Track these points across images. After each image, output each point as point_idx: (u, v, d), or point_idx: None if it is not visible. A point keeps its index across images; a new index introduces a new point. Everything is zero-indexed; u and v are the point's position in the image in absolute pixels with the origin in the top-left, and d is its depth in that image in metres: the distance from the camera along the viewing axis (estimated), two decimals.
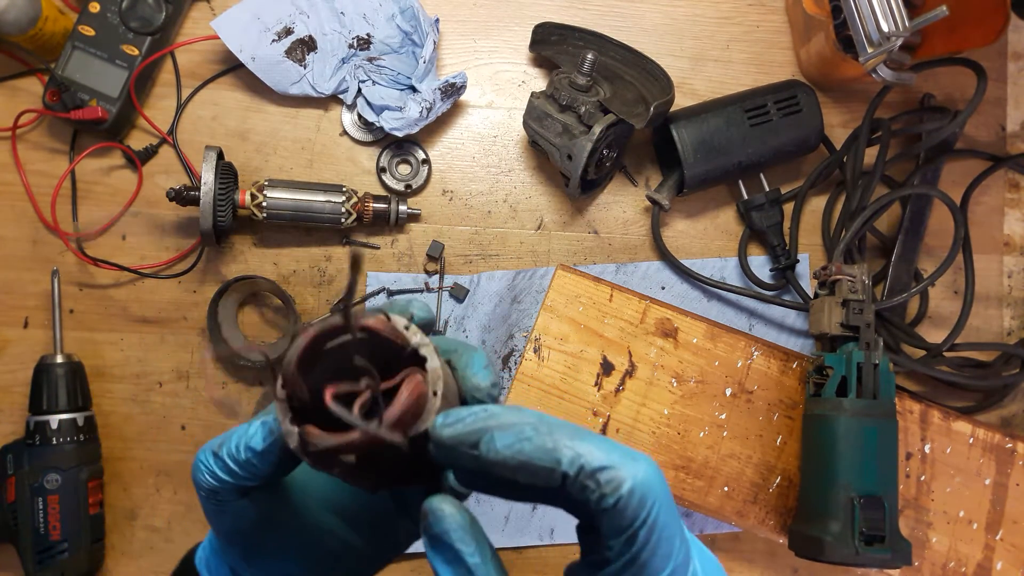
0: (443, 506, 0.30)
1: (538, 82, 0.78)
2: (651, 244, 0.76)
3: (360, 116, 0.75)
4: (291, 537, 0.38)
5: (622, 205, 0.77)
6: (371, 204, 0.72)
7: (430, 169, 0.76)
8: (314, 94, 0.74)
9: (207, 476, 0.35)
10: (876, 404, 0.61)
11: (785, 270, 0.74)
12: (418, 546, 0.70)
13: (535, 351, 0.69)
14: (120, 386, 0.73)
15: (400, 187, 0.75)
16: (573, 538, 0.72)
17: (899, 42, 0.64)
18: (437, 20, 0.73)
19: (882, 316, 0.72)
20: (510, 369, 0.73)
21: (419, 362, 0.31)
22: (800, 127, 0.72)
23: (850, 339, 0.65)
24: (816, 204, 0.78)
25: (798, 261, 0.75)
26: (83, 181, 0.74)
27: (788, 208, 0.77)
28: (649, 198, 0.73)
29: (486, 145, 0.77)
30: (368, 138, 0.75)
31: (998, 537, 0.67)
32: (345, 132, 0.76)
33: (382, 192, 0.75)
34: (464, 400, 0.33)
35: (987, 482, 0.68)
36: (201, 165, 0.68)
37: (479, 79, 0.77)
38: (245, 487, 0.35)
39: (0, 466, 0.67)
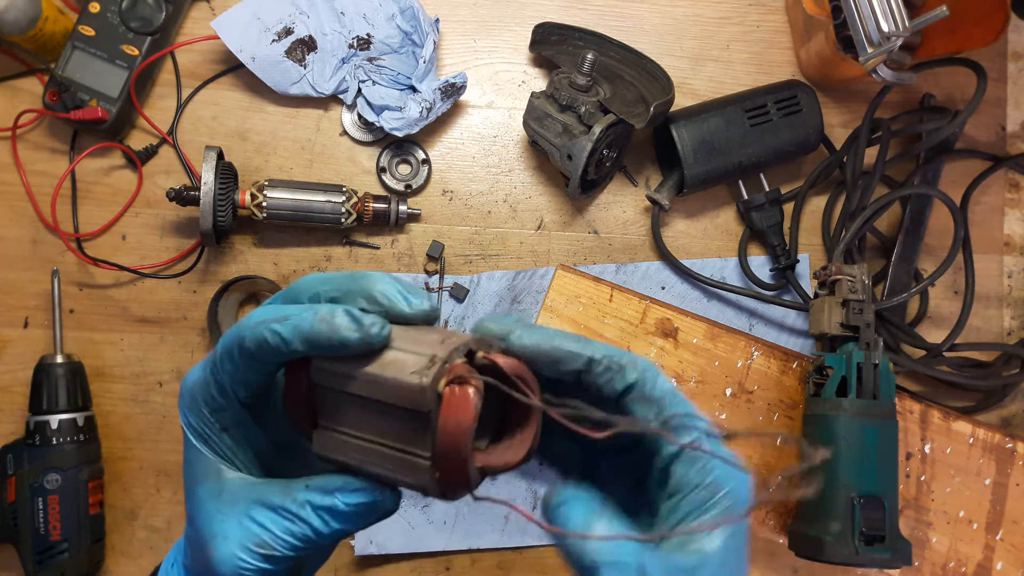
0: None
1: (538, 82, 0.78)
2: (651, 244, 0.76)
3: (360, 116, 0.75)
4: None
5: (622, 205, 0.77)
6: (371, 204, 0.72)
7: (430, 169, 0.76)
8: (314, 94, 0.74)
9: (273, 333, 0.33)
10: (876, 404, 0.61)
11: (785, 270, 0.74)
12: (419, 545, 0.70)
13: None
14: (120, 386, 0.73)
15: (400, 187, 0.75)
16: None
17: (899, 42, 0.64)
18: (437, 20, 0.73)
19: (882, 316, 0.72)
20: None
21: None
22: (800, 127, 0.72)
23: (850, 339, 0.65)
24: (816, 204, 0.78)
25: (798, 261, 0.75)
26: (83, 181, 0.74)
27: (788, 208, 0.77)
28: (649, 198, 0.73)
29: (486, 145, 0.77)
30: (368, 138, 0.75)
31: (998, 537, 0.67)
32: (345, 132, 0.76)
33: (382, 192, 0.75)
34: None
35: (987, 482, 0.68)
36: (201, 165, 0.68)
37: (479, 79, 0.77)
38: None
39: (0, 466, 0.67)
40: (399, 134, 0.72)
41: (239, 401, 0.36)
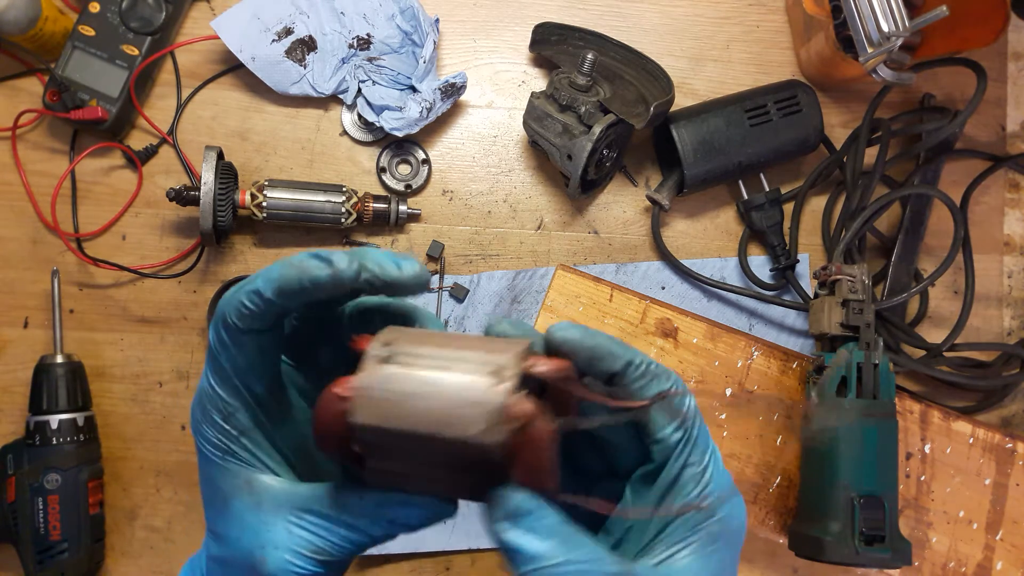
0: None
1: (538, 82, 0.78)
2: (651, 244, 0.76)
3: (360, 116, 0.75)
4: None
5: (622, 205, 0.77)
6: (371, 204, 0.72)
7: (430, 169, 0.76)
8: (314, 94, 0.74)
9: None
10: (876, 404, 0.61)
11: (785, 270, 0.74)
12: (419, 545, 0.70)
13: None
14: (120, 386, 0.73)
15: (400, 187, 0.75)
16: None
17: (899, 42, 0.64)
18: (437, 20, 0.73)
19: (882, 316, 0.72)
20: None
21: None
22: (800, 127, 0.72)
23: (850, 339, 0.65)
24: (816, 204, 0.78)
25: (798, 261, 0.75)
26: (83, 181, 0.74)
27: (788, 208, 0.77)
28: (649, 198, 0.73)
29: (486, 145, 0.77)
30: (368, 138, 0.75)
31: (998, 537, 0.67)
32: (345, 132, 0.76)
33: (382, 192, 0.75)
34: None
35: (987, 482, 0.68)
36: (201, 165, 0.68)
37: (479, 79, 0.77)
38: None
39: (0, 466, 0.67)
40: (399, 134, 0.72)
41: (251, 398, 0.34)
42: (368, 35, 0.74)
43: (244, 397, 0.34)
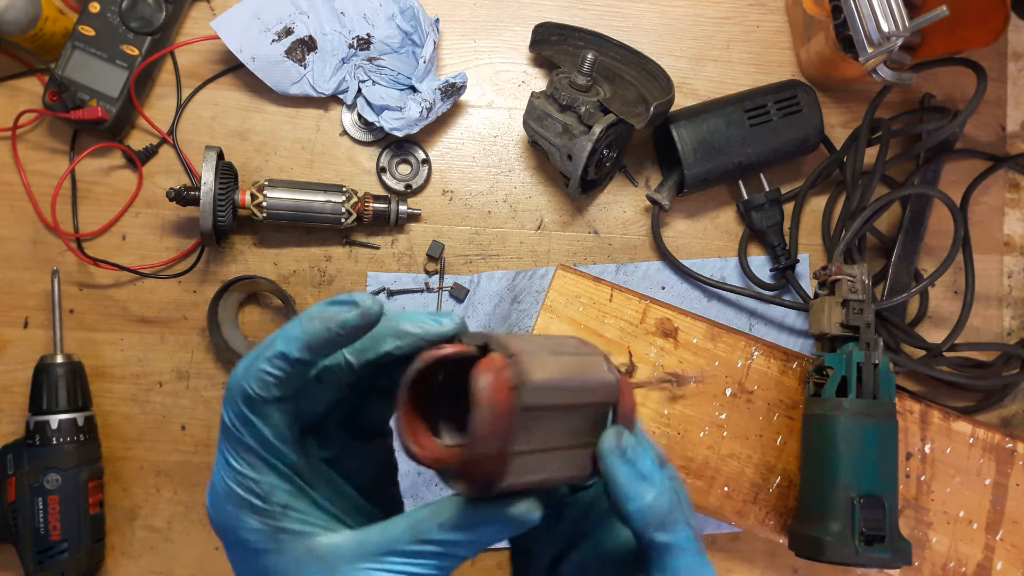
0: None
1: (538, 82, 0.78)
2: (651, 244, 0.76)
3: (360, 116, 0.75)
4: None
5: (622, 205, 0.77)
6: (371, 204, 0.72)
7: (430, 169, 0.76)
8: (314, 94, 0.74)
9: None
10: (876, 404, 0.61)
11: (785, 270, 0.74)
12: None
13: None
14: (120, 386, 0.73)
15: (400, 187, 0.75)
16: None
17: (899, 42, 0.64)
18: (437, 20, 0.73)
19: (882, 316, 0.72)
20: None
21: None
22: (800, 127, 0.72)
23: (850, 339, 0.65)
24: (816, 204, 0.78)
25: (798, 261, 0.75)
26: (83, 181, 0.74)
27: (788, 208, 0.77)
28: (649, 198, 0.73)
29: (486, 145, 0.77)
30: (368, 138, 0.75)
31: (998, 537, 0.67)
32: (345, 132, 0.76)
33: (382, 192, 0.75)
34: None
35: (987, 482, 0.68)
36: (201, 165, 0.68)
37: (479, 79, 0.77)
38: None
39: (0, 466, 0.67)
40: (399, 134, 0.72)
41: (287, 467, 0.32)
42: (368, 35, 0.74)
43: (279, 469, 0.32)
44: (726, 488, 0.68)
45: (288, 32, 0.73)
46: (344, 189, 0.72)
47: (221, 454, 0.32)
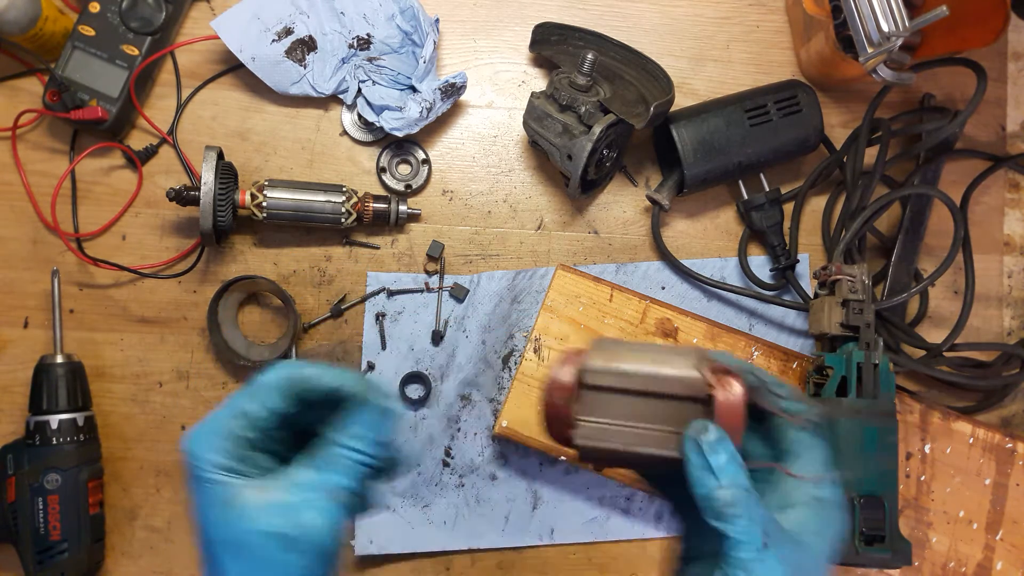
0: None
1: (538, 82, 0.78)
2: (651, 244, 0.76)
3: (360, 116, 0.75)
4: None
5: (622, 205, 0.77)
6: (371, 204, 0.72)
7: (430, 169, 0.76)
8: (314, 94, 0.74)
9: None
10: (876, 404, 0.61)
11: (785, 270, 0.74)
12: (419, 545, 0.70)
13: (535, 351, 0.69)
14: (120, 386, 0.73)
15: (400, 187, 0.75)
16: (573, 538, 0.73)
17: (899, 42, 0.64)
18: (437, 20, 0.73)
19: (882, 316, 0.72)
20: (510, 369, 0.73)
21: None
22: (800, 127, 0.72)
23: (850, 339, 0.65)
24: (816, 204, 0.78)
25: (798, 261, 0.75)
26: (83, 181, 0.74)
27: (788, 208, 0.77)
28: (649, 198, 0.73)
29: (486, 145, 0.77)
30: (368, 138, 0.75)
31: (998, 537, 0.67)
32: (345, 132, 0.76)
33: (382, 192, 0.75)
34: None
35: (987, 482, 0.68)
36: (201, 165, 0.68)
37: (479, 79, 0.77)
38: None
39: (0, 466, 0.67)
40: (399, 134, 0.72)
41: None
42: (368, 35, 0.74)
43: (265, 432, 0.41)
44: None
45: (288, 32, 0.73)
46: (344, 189, 0.72)
47: (233, 403, 0.40)
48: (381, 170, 0.75)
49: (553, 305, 0.70)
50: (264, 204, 0.70)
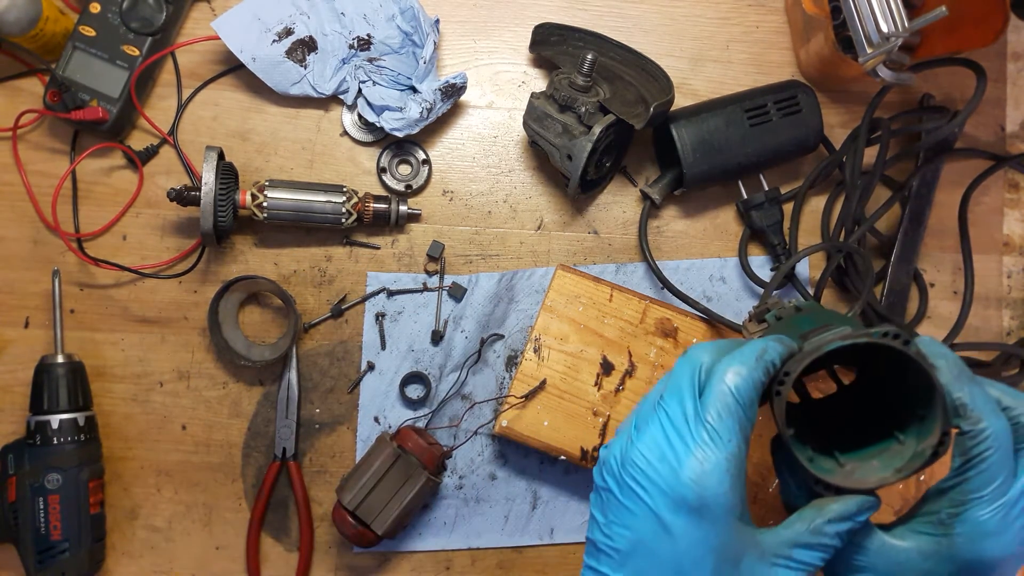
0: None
1: (538, 82, 0.78)
2: (651, 243, 0.76)
3: (360, 116, 0.75)
4: None
5: (622, 205, 0.77)
6: (371, 204, 0.73)
7: (430, 169, 0.76)
8: (314, 94, 0.74)
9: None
10: None
11: None
12: (419, 545, 0.70)
13: (535, 351, 0.69)
14: (121, 386, 0.73)
15: (400, 187, 0.75)
16: (573, 538, 0.73)
17: (899, 42, 0.64)
18: (437, 20, 0.73)
19: (882, 316, 0.72)
20: (511, 370, 0.73)
21: None
22: (800, 127, 0.72)
23: None
24: (816, 204, 0.78)
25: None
26: (84, 181, 0.74)
27: (788, 208, 0.77)
28: (642, 191, 0.73)
29: (486, 145, 0.77)
30: (368, 138, 0.76)
31: None
32: (345, 132, 0.76)
33: (382, 192, 0.75)
34: None
35: None
36: (202, 165, 0.68)
37: (479, 79, 0.77)
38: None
39: (1, 466, 0.68)
40: (399, 134, 0.73)
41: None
42: (368, 35, 0.74)
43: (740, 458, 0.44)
44: None
45: (288, 32, 0.73)
46: (344, 189, 0.72)
47: (724, 432, 0.43)
48: (381, 170, 0.75)
49: (553, 305, 0.70)
50: (265, 204, 0.70)
